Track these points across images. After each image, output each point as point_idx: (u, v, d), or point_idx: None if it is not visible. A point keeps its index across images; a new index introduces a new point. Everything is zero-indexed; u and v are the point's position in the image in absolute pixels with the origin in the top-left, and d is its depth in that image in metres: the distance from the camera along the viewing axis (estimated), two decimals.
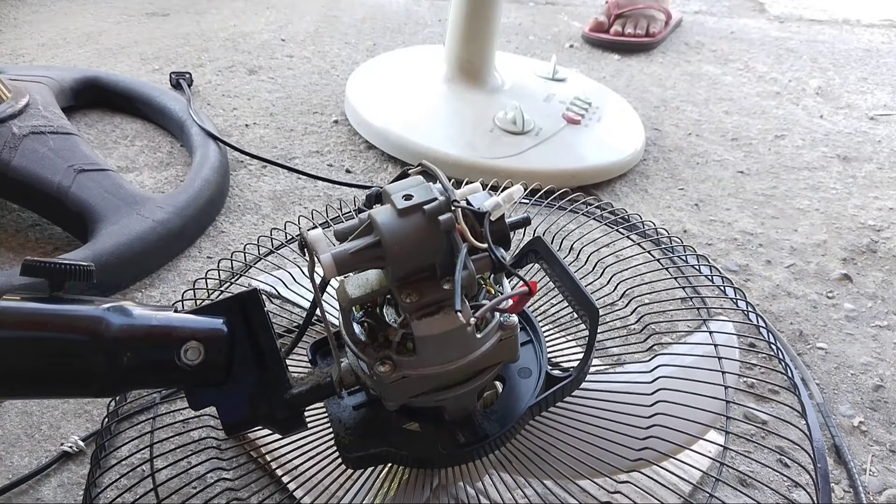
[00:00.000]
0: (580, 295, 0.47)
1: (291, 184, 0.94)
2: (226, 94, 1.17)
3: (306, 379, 0.41)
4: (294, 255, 0.74)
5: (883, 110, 1.18)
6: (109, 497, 0.51)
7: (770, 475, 0.56)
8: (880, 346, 0.70)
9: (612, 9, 1.43)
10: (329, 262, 0.35)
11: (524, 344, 0.50)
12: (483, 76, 1.05)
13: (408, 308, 0.37)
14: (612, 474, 0.47)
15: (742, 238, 0.85)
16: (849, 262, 0.81)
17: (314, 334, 0.61)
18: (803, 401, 0.58)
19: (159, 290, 0.75)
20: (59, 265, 0.33)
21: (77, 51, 1.31)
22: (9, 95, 0.88)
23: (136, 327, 0.33)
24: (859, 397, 0.64)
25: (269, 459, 0.53)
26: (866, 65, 1.35)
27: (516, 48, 1.42)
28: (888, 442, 0.60)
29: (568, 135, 0.97)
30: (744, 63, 1.36)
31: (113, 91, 1.10)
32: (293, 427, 0.40)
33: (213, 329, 0.36)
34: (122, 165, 0.97)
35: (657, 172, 0.99)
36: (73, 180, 0.80)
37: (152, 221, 0.78)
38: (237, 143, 1.01)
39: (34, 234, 0.84)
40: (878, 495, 0.56)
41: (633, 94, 1.21)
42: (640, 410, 0.49)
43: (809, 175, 0.99)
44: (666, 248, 0.77)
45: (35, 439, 0.59)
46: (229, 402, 0.37)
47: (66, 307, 0.33)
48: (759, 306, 0.74)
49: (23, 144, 0.82)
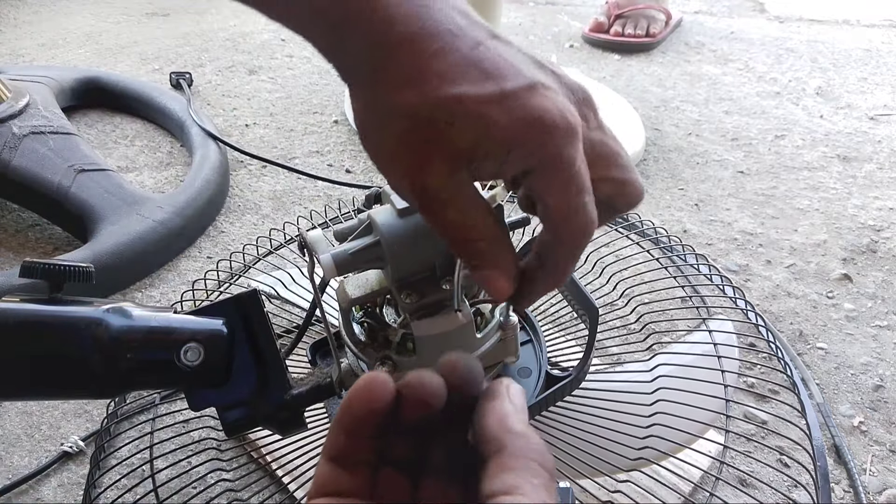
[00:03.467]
0: (580, 295, 0.47)
1: (291, 184, 0.94)
2: (226, 94, 1.17)
3: (306, 379, 0.41)
4: (293, 256, 0.74)
5: (883, 110, 1.18)
6: (110, 497, 0.51)
7: (770, 475, 0.56)
8: (880, 346, 0.70)
9: (612, 9, 1.43)
10: (329, 262, 0.35)
11: (524, 343, 0.50)
12: None
13: (407, 308, 0.37)
14: (612, 474, 0.47)
15: (742, 238, 0.85)
16: (849, 262, 0.81)
17: (314, 334, 0.61)
18: (803, 400, 0.58)
19: (159, 290, 0.75)
20: (57, 266, 0.33)
21: (77, 51, 1.31)
22: (9, 95, 0.88)
23: (136, 329, 0.33)
24: (859, 397, 0.64)
25: (270, 459, 0.53)
26: (866, 65, 1.35)
27: None
28: (888, 442, 0.60)
29: None
30: (744, 63, 1.36)
31: (113, 91, 1.10)
32: (293, 427, 0.40)
33: (213, 330, 0.36)
34: (122, 165, 0.97)
35: (657, 172, 0.99)
36: (73, 180, 0.80)
37: (152, 221, 0.78)
38: (237, 143, 1.01)
39: (34, 234, 0.84)
40: (878, 495, 0.56)
41: (633, 94, 1.21)
42: (640, 410, 0.49)
43: (809, 175, 0.99)
44: (665, 248, 0.77)
45: (35, 439, 0.59)
46: (229, 402, 0.37)
47: (65, 309, 0.32)
48: (759, 306, 0.74)
49: (23, 144, 0.82)
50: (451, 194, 0.28)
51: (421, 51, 0.27)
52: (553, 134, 0.27)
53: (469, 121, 0.27)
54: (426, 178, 0.28)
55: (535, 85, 0.28)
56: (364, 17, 0.27)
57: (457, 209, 0.28)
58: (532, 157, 0.27)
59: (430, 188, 0.28)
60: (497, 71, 0.27)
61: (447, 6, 0.28)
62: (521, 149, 0.27)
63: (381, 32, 0.27)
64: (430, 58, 0.27)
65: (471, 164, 0.28)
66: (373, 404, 0.24)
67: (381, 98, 0.28)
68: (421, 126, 0.27)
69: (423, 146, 0.27)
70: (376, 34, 0.27)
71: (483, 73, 0.27)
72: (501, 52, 0.28)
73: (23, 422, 0.61)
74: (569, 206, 0.28)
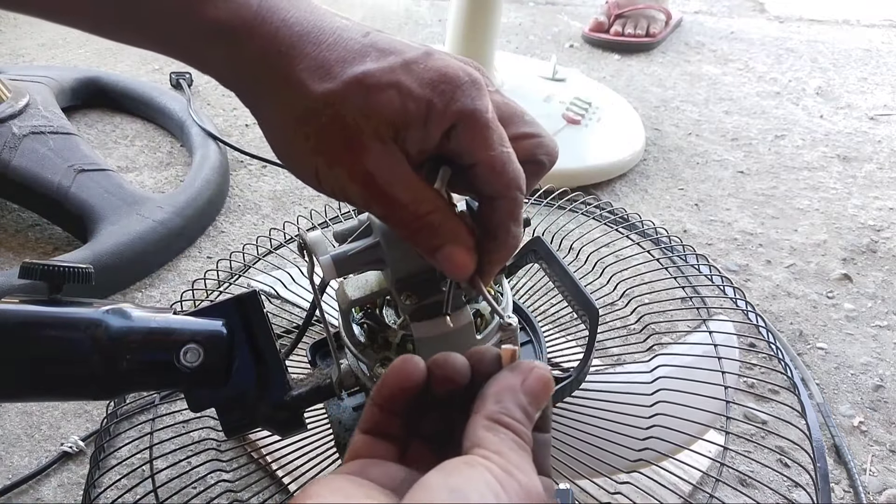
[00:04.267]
0: (580, 295, 0.47)
1: (291, 184, 0.94)
2: (226, 94, 1.17)
3: (306, 380, 0.41)
4: (293, 256, 0.74)
5: (883, 110, 1.18)
6: (109, 497, 0.51)
7: (770, 475, 0.56)
8: (880, 346, 0.70)
9: (612, 9, 1.43)
10: (328, 263, 0.35)
11: (524, 344, 0.50)
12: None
13: (407, 310, 0.37)
14: (612, 474, 0.47)
15: (742, 238, 0.85)
16: (849, 262, 0.81)
17: (314, 335, 0.61)
18: (803, 401, 0.58)
19: (159, 290, 0.75)
20: (57, 267, 0.33)
21: (77, 51, 1.31)
22: (9, 95, 0.88)
23: (135, 330, 0.33)
24: (859, 397, 0.64)
25: (270, 460, 0.53)
26: (866, 65, 1.35)
27: (516, 48, 1.42)
28: (888, 442, 0.60)
29: (568, 135, 0.97)
30: (744, 63, 1.36)
31: (113, 91, 1.10)
32: (292, 428, 0.40)
33: (213, 331, 0.36)
34: (122, 165, 0.97)
35: (657, 172, 0.99)
36: (73, 180, 0.80)
37: (152, 221, 0.78)
38: (237, 143, 1.00)
39: (34, 234, 0.84)
40: (878, 495, 0.56)
41: (633, 94, 1.21)
42: (640, 410, 0.49)
43: (809, 175, 0.99)
44: (666, 248, 0.77)
45: (35, 439, 0.59)
46: (229, 403, 0.37)
47: (64, 310, 0.32)
48: (759, 306, 0.74)
49: (23, 144, 0.82)
50: (393, 173, 0.29)
51: (319, 42, 0.29)
52: (462, 86, 0.29)
53: (382, 92, 0.28)
54: (364, 160, 0.29)
55: (431, 52, 0.30)
56: (259, 26, 0.28)
57: (403, 186, 0.29)
58: (448, 112, 0.28)
59: (369, 170, 0.29)
60: (393, 48, 0.29)
61: (328, 11, 0.31)
62: (436, 107, 0.28)
63: (280, 36, 0.29)
64: (329, 48, 0.29)
65: (397, 138, 0.29)
66: (404, 382, 0.27)
67: (292, 98, 0.29)
68: (340, 112, 0.28)
69: (349, 130, 0.28)
70: (275, 37, 0.29)
71: (381, 51, 0.29)
72: (390, 37, 0.30)
73: (23, 422, 0.61)
74: (498, 155, 0.29)
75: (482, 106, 0.29)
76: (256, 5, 0.29)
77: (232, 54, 0.29)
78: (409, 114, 0.28)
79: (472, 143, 0.29)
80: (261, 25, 0.28)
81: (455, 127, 0.29)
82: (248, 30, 0.28)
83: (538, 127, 0.32)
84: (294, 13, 0.29)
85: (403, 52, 0.29)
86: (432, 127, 0.29)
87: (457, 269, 0.31)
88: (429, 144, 0.29)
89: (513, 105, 0.32)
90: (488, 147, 0.29)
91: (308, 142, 0.29)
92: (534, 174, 0.32)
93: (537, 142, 0.32)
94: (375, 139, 0.28)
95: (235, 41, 0.29)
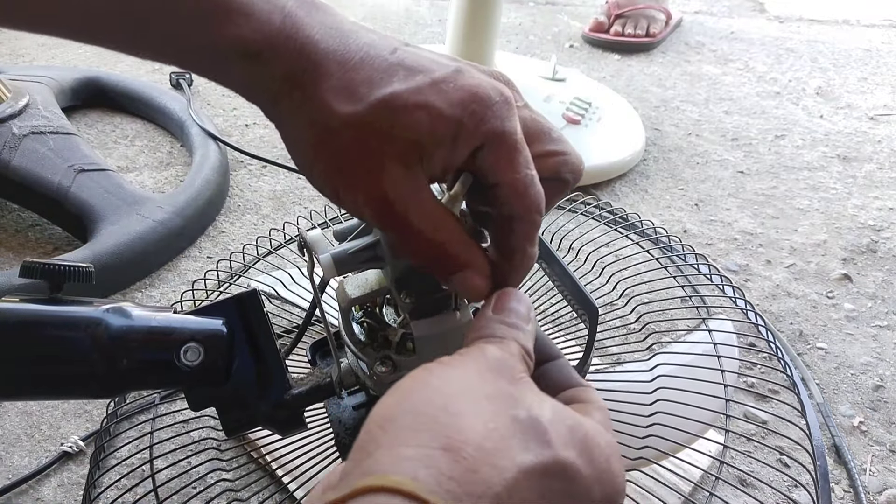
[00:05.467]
0: (580, 294, 0.47)
1: (291, 184, 0.94)
2: (226, 94, 1.17)
3: (306, 379, 0.41)
4: (293, 256, 0.74)
5: (883, 110, 1.18)
6: (109, 497, 0.51)
7: (770, 474, 0.56)
8: (880, 346, 0.70)
9: (612, 9, 1.43)
10: (328, 262, 0.35)
11: None
12: None
13: (407, 308, 0.37)
14: None
15: (742, 238, 0.85)
16: (849, 262, 0.81)
17: (314, 334, 0.61)
18: (803, 400, 0.58)
19: (159, 290, 0.75)
20: (57, 266, 0.33)
21: (77, 51, 1.31)
22: (9, 95, 0.88)
23: (136, 329, 0.33)
24: (859, 397, 0.64)
25: (270, 459, 0.53)
26: (866, 65, 1.35)
27: (516, 48, 1.42)
28: (888, 442, 0.60)
29: (568, 135, 0.96)
30: (744, 63, 1.36)
31: (113, 91, 1.10)
32: (293, 427, 0.40)
33: (213, 330, 0.36)
34: (122, 165, 0.97)
35: (657, 172, 0.99)
36: (73, 180, 0.80)
37: (152, 221, 0.78)
38: (237, 143, 1.01)
39: (34, 234, 0.84)
40: (878, 495, 0.56)
41: (633, 94, 1.21)
42: (639, 410, 0.49)
43: (809, 175, 0.99)
44: (665, 248, 0.77)
45: (35, 439, 0.59)
46: (229, 402, 0.37)
47: (64, 309, 0.32)
48: (759, 306, 0.74)
49: (23, 144, 0.82)
50: (411, 200, 0.28)
51: (345, 62, 0.28)
52: (492, 106, 0.28)
53: (410, 114, 0.27)
54: (383, 186, 0.28)
55: (461, 69, 0.29)
56: (282, 44, 0.28)
57: (420, 214, 0.29)
58: (478, 133, 0.28)
59: (388, 196, 0.28)
60: (421, 66, 0.28)
61: (355, 25, 0.30)
62: (466, 128, 0.28)
63: (305, 54, 0.28)
64: (356, 68, 0.28)
65: (422, 160, 0.28)
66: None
67: (316, 119, 0.28)
68: (365, 133, 0.28)
69: (372, 152, 0.28)
70: (300, 56, 0.28)
71: (409, 69, 0.28)
72: (418, 53, 0.29)
73: (23, 422, 0.61)
74: (522, 178, 0.29)
75: (511, 127, 0.28)
76: (279, 22, 0.28)
77: (255, 73, 0.29)
78: (437, 135, 0.28)
79: (498, 164, 0.29)
80: (285, 43, 0.28)
81: (483, 147, 0.28)
82: (271, 49, 0.28)
83: (565, 144, 0.32)
84: (319, 30, 0.28)
85: (432, 70, 0.28)
86: (461, 146, 0.28)
87: (471, 293, 0.31)
88: (454, 162, 0.29)
89: (540, 121, 0.32)
90: (514, 170, 0.29)
91: (329, 162, 0.29)
92: (557, 191, 0.32)
93: (563, 159, 0.32)
94: (398, 163, 0.28)
95: (259, 60, 0.28)
